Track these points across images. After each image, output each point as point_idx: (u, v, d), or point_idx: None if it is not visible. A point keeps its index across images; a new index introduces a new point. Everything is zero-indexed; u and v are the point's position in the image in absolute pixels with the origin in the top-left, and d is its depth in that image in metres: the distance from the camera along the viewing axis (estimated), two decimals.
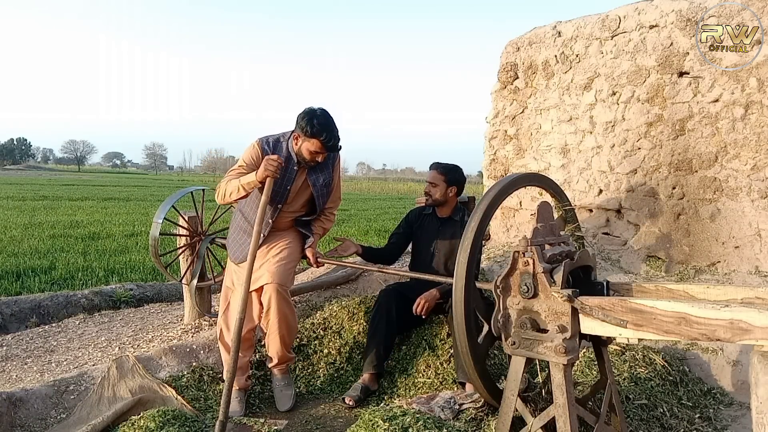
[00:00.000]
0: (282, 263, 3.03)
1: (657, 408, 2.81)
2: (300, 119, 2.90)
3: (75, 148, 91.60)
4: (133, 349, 3.60)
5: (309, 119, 2.87)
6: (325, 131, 2.87)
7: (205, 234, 3.88)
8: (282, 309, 2.99)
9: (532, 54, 4.87)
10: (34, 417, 2.79)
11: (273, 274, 2.98)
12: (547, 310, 2.13)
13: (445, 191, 3.39)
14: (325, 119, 2.89)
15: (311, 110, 2.91)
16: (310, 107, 2.94)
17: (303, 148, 2.94)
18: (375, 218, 14.32)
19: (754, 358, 1.70)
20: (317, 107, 2.94)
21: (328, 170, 3.14)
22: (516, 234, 5.03)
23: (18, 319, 4.51)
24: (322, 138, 2.87)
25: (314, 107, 2.94)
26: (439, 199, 3.40)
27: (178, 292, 5.24)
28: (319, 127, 2.86)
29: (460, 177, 3.44)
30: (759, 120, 3.62)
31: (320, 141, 2.88)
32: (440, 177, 3.39)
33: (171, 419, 2.60)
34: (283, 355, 3.13)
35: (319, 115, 2.89)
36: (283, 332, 3.04)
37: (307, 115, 2.89)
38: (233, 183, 2.90)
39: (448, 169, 3.41)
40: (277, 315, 2.99)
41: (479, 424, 2.64)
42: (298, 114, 2.93)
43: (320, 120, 2.87)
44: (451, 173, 3.40)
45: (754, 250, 3.68)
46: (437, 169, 3.42)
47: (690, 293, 2.19)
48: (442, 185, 3.38)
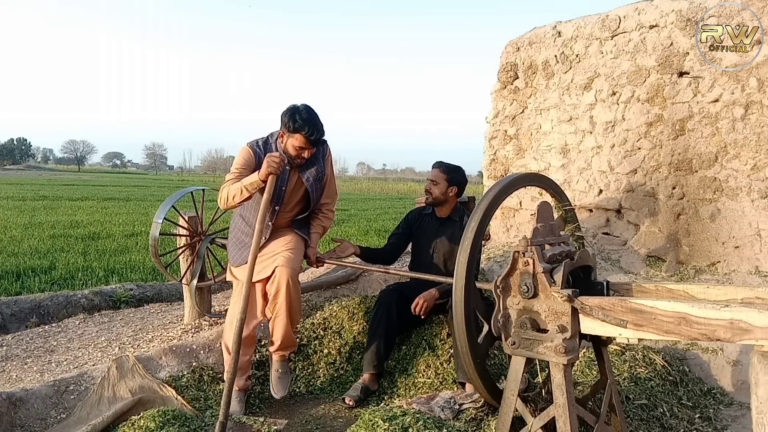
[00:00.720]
0: (292, 251, 3.06)
1: (657, 408, 2.81)
2: (283, 116, 2.93)
3: (75, 148, 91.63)
4: (133, 349, 3.60)
5: (291, 115, 2.90)
6: (308, 125, 2.90)
7: (205, 234, 3.88)
8: (291, 292, 2.98)
9: (532, 54, 4.87)
10: (34, 417, 2.79)
11: (286, 259, 2.99)
12: (547, 310, 2.13)
13: (446, 190, 3.39)
14: (308, 114, 2.92)
15: (294, 107, 2.94)
16: (293, 104, 2.96)
17: (288, 145, 2.97)
18: (375, 218, 14.32)
19: (754, 358, 1.70)
20: (300, 103, 2.97)
21: (319, 164, 3.15)
22: (516, 234, 5.03)
23: (18, 319, 4.51)
24: (305, 132, 2.90)
25: (297, 104, 2.97)
26: (439, 197, 3.40)
27: (178, 292, 5.24)
28: (302, 122, 2.88)
29: (461, 178, 3.45)
30: (759, 120, 3.62)
31: (303, 135, 2.90)
32: (442, 176, 3.39)
33: (171, 419, 2.60)
34: (288, 338, 3.09)
35: (302, 111, 2.91)
36: (291, 315, 3.03)
37: (289, 112, 2.92)
38: (235, 186, 2.91)
39: (450, 168, 3.42)
40: (287, 298, 2.97)
41: (479, 424, 2.64)
42: (282, 112, 2.96)
43: (303, 115, 2.90)
44: (453, 173, 3.41)
45: (754, 250, 3.68)
46: (440, 167, 3.43)
47: (690, 293, 2.19)
48: (443, 184, 3.39)
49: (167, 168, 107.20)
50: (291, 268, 2.97)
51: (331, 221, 3.36)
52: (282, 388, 3.08)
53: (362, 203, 21.48)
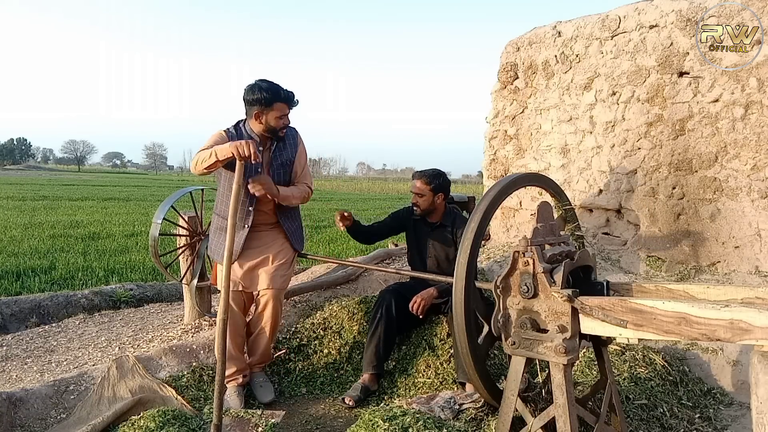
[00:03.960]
0: (281, 269, 3.11)
1: (657, 408, 2.81)
2: (250, 96, 2.93)
3: (75, 148, 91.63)
4: (133, 349, 3.60)
5: (258, 90, 2.91)
6: (279, 90, 2.93)
7: (205, 234, 3.88)
8: (276, 314, 3.16)
9: (532, 54, 4.87)
10: (34, 417, 2.79)
11: (272, 279, 3.08)
12: (547, 310, 2.13)
13: (432, 200, 3.36)
14: (268, 83, 2.94)
15: (253, 84, 2.95)
16: (248, 84, 2.97)
17: (270, 119, 2.95)
18: (375, 218, 14.27)
19: (754, 358, 1.70)
20: (254, 80, 2.99)
21: (288, 151, 3.14)
22: (516, 234, 5.03)
23: (18, 319, 4.51)
24: (281, 96, 2.92)
25: (251, 81, 2.98)
26: (427, 208, 3.37)
27: (178, 292, 5.24)
28: (272, 92, 2.91)
29: (444, 182, 3.40)
30: (759, 120, 3.62)
31: (281, 101, 2.93)
32: (426, 187, 3.33)
33: (171, 419, 2.60)
34: (267, 352, 3.25)
35: (262, 84, 2.93)
36: (273, 333, 3.22)
37: (253, 89, 2.93)
38: (206, 151, 2.84)
39: (432, 177, 3.35)
40: (271, 318, 3.14)
41: (479, 424, 2.64)
42: (244, 96, 2.96)
43: (265, 86, 2.92)
44: (435, 181, 3.34)
45: (754, 250, 3.68)
46: (421, 178, 3.35)
47: (690, 293, 2.19)
48: (429, 195, 3.34)
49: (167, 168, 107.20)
50: (278, 290, 3.11)
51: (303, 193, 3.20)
52: (268, 394, 3.16)
53: (362, 203, 21.48)
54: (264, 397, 3.14)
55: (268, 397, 3.14)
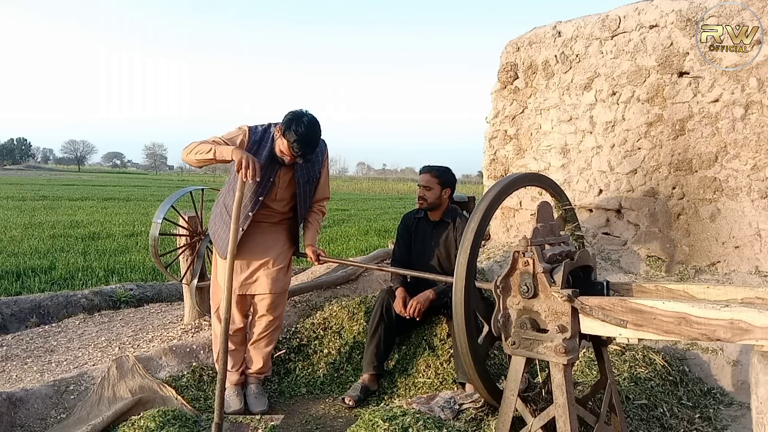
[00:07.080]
0: (280, 272, 3.05)
1: (657, 408, 2.81)
2: (286, 117, 2.82)
3: (75, 148, 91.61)
4: (133, 349, 3.60)
5: (292, 121, 2.77)
6: (301, 143, 2.77)
7: (205, 234, 3.88)
8: (275, 318, 3.11)
9: (532, 54, 4.87)
10: (34, 417, 2.79)
11: (272, 283, 3.01)
12: (547, 310, 2.13)
13: (440, 193, 3.38)
14: (307, 129, 2.78)
15: (298, 114, 2.80)
16: (301, 110, 2.83)
17: (276, 143, 2.87)
18: (375, 218, 14.31)
19: (754, 358, 1.69)
20: (307, 113, 2.83)
21: (315, 167, 3.07)
22: (516, 234, 5.03)
23: (18, 319, 4.51)
24: (295, 149, 2.78)
25: (305, 111, 2.83)
26: (434, 201, 3.38)
27: (178, 292, 5.24)
28: (296, 136, 2.75)
29: (452, 178, 3.44)
30: (759, 120, 3.62)
31: (291, 148, 2.79)
32: (434, 180, 3.37)
33: (171, 419, 2.60)
34: (267, 363, 3.19)
35: (304, 122, 2.77)
36: (273, 340, 3.17)
37: (293, 117, 2.79)
38: (207, 145, 2.78)
39: (441, 171, 3.39)
40: (271, 323, 3.10)
41: (479, 424, 2.64)
42: (288, 111, 2.84)
43: (301, 128, 2.76)
44: (444, 175, 3.38)
45: (754, 250, 3.68)
46: (430, 172, 3.39)
47: (690, 293, 2.19)
48: (437, 188, 3.37)
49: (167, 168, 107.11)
50: (277, 294, 3.05)
51: (322, 216, 3.28)
52: (261, 405, 3.07)
53: (362, 203, 21.48)
54: (255, 407, 3.04)
55: (261, 407, 3.04)
